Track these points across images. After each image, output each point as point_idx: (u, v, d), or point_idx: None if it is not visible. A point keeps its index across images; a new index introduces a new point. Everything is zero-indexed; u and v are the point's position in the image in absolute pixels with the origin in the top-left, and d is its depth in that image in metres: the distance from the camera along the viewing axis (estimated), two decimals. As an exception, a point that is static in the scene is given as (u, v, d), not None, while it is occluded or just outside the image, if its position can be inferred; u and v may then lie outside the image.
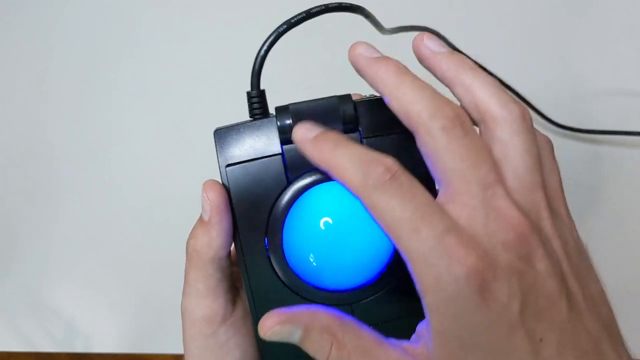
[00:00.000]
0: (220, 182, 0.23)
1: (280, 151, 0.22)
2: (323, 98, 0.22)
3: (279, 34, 0.22)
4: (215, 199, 0.22)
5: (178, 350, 0.42)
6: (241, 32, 0.48)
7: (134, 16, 0.50)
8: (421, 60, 0.21)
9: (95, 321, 0.43)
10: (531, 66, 0.44)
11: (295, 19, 0.22)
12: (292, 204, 0.22)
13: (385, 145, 0.22)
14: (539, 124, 0.42)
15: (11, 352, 0.42)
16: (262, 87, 0.23)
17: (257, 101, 0.23)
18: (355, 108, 0.22)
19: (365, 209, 0.18)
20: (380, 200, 0.18)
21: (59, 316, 0.43)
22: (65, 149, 0.47)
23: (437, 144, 0.18)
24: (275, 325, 0.20)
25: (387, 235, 0.18)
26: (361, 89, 0.25)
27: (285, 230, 0.22)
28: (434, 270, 0.17)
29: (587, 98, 0.43)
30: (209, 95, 0.47)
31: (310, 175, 0.22)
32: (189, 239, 0.23)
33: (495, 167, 0.19)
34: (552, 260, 0.18)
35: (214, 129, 0.23)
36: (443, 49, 0.21)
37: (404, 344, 0.20)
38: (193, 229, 0.23)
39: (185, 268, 0.24)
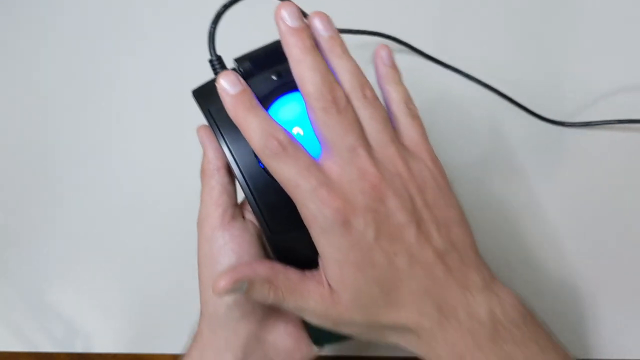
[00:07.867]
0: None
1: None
2: (267, 43, 0.28)
3: (218, 13, 0.28)
4: (203, 130, 0.30)
5: (178, 350, 0.42)
6: (240, 31, 0.48)
7: (134, 14, 0.50)
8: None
9: (95, 321, 0.43)
10: (514, 62, 0.44)
11: (228, 1, 0.28)
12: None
13: None
14: (524, 118, 0.42)
15: (11, 352, 0.43)
16: (218, 54, 0.28)
17: (217, 64, 0.28)
18: None
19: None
20: (273, 165, 0.24)
21: (59, 316, 0.43)
22: (65, 149, 0.47)
23: (317, 119, 0.25)
24: (229, 286, 0.25)
25: None
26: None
27: None
28: (312, 212, 0.24)
29: (573, 92, 0.43)
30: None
31: (274, 93, 0.28)
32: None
33: (362, 135, 0.25)
34: (401, 199, 0.25)
35: (192, 90, 0.29)
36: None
37: (318, 271, 0.26)
38: None
39: (200, 194, 0.30)
